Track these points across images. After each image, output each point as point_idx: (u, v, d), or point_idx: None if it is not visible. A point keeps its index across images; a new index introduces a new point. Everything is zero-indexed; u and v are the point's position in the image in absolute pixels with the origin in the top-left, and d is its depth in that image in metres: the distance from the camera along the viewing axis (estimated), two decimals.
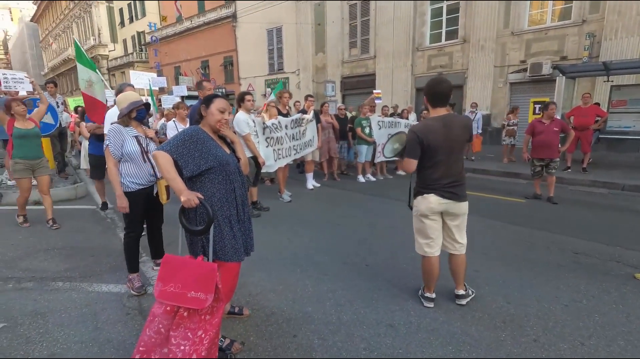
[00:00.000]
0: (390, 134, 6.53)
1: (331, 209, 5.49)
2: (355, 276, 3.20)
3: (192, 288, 1.85)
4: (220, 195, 2.06)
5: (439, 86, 2.42)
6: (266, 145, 5.41)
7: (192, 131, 2.02)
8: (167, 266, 1.93)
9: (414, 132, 2.42)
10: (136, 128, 2.89)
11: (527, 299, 2.78)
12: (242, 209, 2.19)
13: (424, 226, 2.57)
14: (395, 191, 6.71)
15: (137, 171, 2.83)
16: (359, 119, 7.43)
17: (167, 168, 1.91)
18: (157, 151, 1.95)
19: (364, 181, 7.48)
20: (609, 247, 3.79)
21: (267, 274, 3.24)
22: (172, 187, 1.94)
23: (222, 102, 2.11)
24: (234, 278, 2.26)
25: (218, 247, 2.05)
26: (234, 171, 2.12)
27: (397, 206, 5.62)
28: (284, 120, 5.76)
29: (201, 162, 1.97)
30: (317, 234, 4.33)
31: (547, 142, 5.40)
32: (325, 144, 7.13)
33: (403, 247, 3.85)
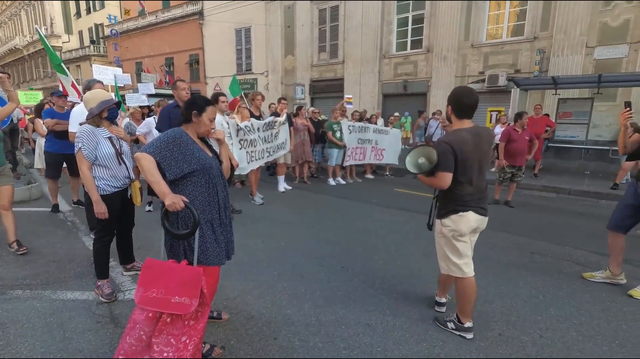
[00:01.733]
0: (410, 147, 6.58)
1: (304, 212, 5.53)
2: (332, 278, 3.27)
3: (176, 293, 1.82)
4: (203, 198, 2.04)
5: (469, 98, 2.25)
6: (239, 147, 5.36)
7: (175, 134, 1.99)
8: (149, 270, 1.88)
9: (448, 144, 2.19)
10: (107, 128, 2.78)
11: (492, 297, 2.99)
12: (224, 213, 2.18)
13: (460, 246, 2.35)
14: (365, 194, 6.89)
15: (113, 173, 2.74)
16: (330, 123, 7.55)
17: (150, 171, 1.88)
18: (139, 153, 1.90)
19: (334, 184, 7.60)
20: (561, 247, 4.15)
21: (244, 277, 3.23)
22: (155, 190, 1.89)
23: (213, 112, 2.13)
24: (215, 282, 2.25)
25: (200, 250, 2.02)
26: (217, 174, 2.11)
27: (368, 209, 5.78)
28: (257, 122, 5.74)
29: (184, 165, 1.95)
30: (291, 237, 4.36)
31: (520, 150, 5.76)
32: (300, 147, 7.17)
33: (376, 250, 3.99)
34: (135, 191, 2.89)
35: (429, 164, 2.27)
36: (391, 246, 4.12)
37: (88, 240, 4.02)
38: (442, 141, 2.25)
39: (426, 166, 2.29)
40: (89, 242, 3.94)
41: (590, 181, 8.00)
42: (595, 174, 8.73)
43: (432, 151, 2.23)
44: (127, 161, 2.86)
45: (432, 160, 2.23)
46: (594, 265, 3.65)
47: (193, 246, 1.98)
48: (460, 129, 2.28)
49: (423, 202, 6.23)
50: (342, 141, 7.46)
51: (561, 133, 9.26)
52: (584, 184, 7.68)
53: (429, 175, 2.30)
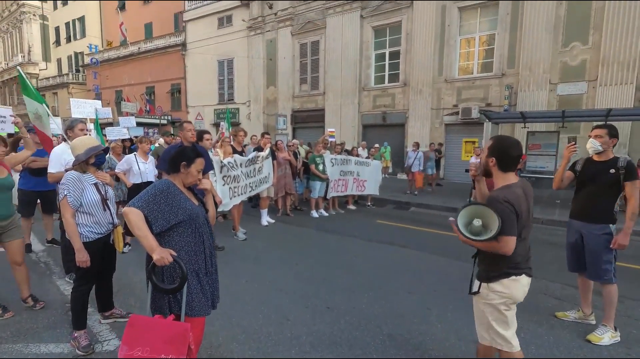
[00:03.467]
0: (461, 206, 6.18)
1: (288, 247, 5.51)
2: (317, 320, 3.25)
3: (162, 351, 1.80)
4: (189, 248, 2.05)
5: (516, 149, 2.00)
6: (223, 184, 5.37)
7: (162, 186, 2.02)
8: (134, 328, 1.85)
9: (509, 202, 1.88)
10: (93, 174, 2.80)
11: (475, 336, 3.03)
12: (210, 261, 2.18)
13: (510, 315, 2.02)
14: (348, 226, 6.95)
15: (97, 220, 2.72)
16: (312, 156, 7.69)
17: (138, 225, 1.88)
18: (127, 208, 1.91)
19: (317, 216, 7.63)
20: (537, 281, 4.27)
21: (228, 321, 3.17)
22: (143, 244, 1.89)
23: (202, 163, 2.16)
24: (201, 332, 2.21)
25: (185, 302, 2.00)
26: (203, 222, 2.14)
27: (351, 243, 5.82)
28: (240, 158, 5.79)
29: (171, 216, 1.97)
30: (275, 275, 4.32)
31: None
32: (282, 180, 7.22)
33: (360, 287, 4.01)
34: (118, 236, 2.86)
35: (486, 228, 1.91)
36: (375, 283, 4.15)
37: (63, 284, 3.86)
38: (499, 199, 1.90)
39: (478, 229, 1.93)
40: (64, 287, 3.78)
41: (561, 210, 8.37)
42: (565, 202, 9.14)
43: (490, 211, 1.88)
44: (111, 206, 2.85)
45: (491, 222, 1.88)
46: (570, 298, 3.79)
47: (178, 299, 1.97)
48: (511, 184, 1.99)
49: (405, 234, 6.36)
50: (325, 173, 7.58)
51: (532, 164, 9.73)
52: (555, 213, 8.02)
53: (486, 240, 1.90)
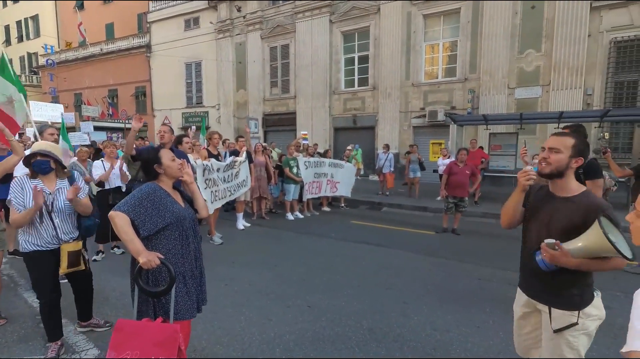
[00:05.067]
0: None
1: (265, 250, 5.53)
2: (300, 319, 3.32)
3: (152, 353, 1.80)
4: (176, 251, 2.07)
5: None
6: (205, 187, 5.34)
7: (149, 189, 2.02)
8: (121, 332, 1.84)
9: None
10: (46, 182, 2.62)
11: (449, 325, 3.23)
12: (196, 263, 2.20)
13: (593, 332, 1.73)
14: (324, 227, 7.06)
15: (34, 231, 2.56)
16: (286, 159, 7.75)
17: (124, 229, 1.88)
18: (113, 212, 1.90)
19: (292, 219, 7.68)
20: (504, 272, 4.58)
21: (210, 324, 3.16)
22: (129, 248, 1.89)
23: (168, 153, 2.17)
24: (187, 335, 2.22)
25: (169, 306, 2.01)
26: (190, 225, 2.16)
27: (328, 244, 5.93)
28: (217, 164, 5.75)
29: (158, 220, 1.98)
30: (254, 277, 4.34)
31: (460, 183, 6.31)
32: (256, 182, 7.21)
33: (339, 286, 4.11)
34: (63, 255, 2.59)
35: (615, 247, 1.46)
36: (353, 281, 4.27)
37: (31, 296, 3.68)
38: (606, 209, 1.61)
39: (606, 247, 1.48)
40: (32, 298, 3.61)
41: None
42: None
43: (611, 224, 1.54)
44: (58, 220, 2.62)
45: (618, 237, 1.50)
46: None
47: (163, 302, 1.98)
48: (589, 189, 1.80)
49: (379, 234, 6.55)
50: (299, 176, 7.66)
51: (494, 163, 10.31)
52: None
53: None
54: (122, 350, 1.81)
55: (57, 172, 2.68)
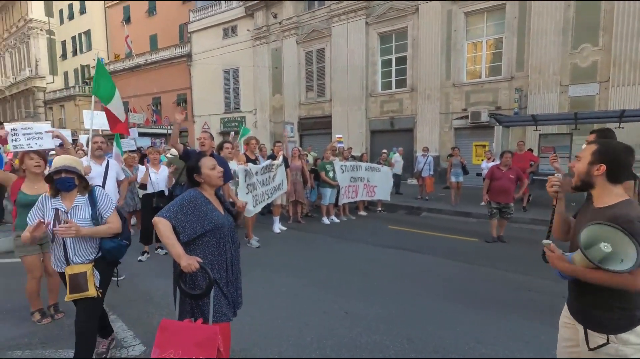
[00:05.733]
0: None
1: (301, 254, 5.53)
2: (336, 325, 3.25)
3: (193, 353, 1.83)
4: (212, 257, 2.10)
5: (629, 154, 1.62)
6: (246, 192, 5.45)
7: (190, 196, 2.07)
8: (165, 331, 1.89)
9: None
10: (66, 199, 2.39)
11: (495, 339, 3.02)
12: (231, 270, 2.21)
13: None
14: (360, 232, 6.95)
15: (52, 250, 2.40)
16: (322, 164, 7.73)
17: (166, 234, 1.93)
18: (156, 218, 1.97)
19: (328, 223, 7.64)
20: (556, 284, 4.23)
21: (247, 327, 3.17)
22: (171, 253, 1.95)
23: (209, 161, 2.19)
24: (227, 338, 2.23)
25: (207, 308, 2.04)
26: (228, 233, 2.18)
27: (364, 249, 5.81)
28: (254, 167, 5.85)
29: (197, 227, 2.02)
30: (291, 282, 4.33)
31: (503, 188, 5.89)
32: (292, 187, 7.25)
33: (376, 292, 4.00)
34: (67, 278, 2.30)
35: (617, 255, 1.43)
36: (390, 288, 4.14)
37: None
38: (635, 219, 1.46)
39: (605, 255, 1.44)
40: None
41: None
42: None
43: (623, 234, 1.42)
44: (70, 240, 2.33)
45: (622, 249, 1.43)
46: None
47: (200, 305, 2.01)
48: (626, 199, 1.58)
49: (417, 240, 6.33)
50: (335, 180, 7.61)
51: (544, 167, 9.63)
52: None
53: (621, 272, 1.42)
54: (165, 349, 1.85)
55: (79, 189, 2.43)
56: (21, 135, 3.34)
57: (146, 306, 3.60)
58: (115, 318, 3.27)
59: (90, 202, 2.42)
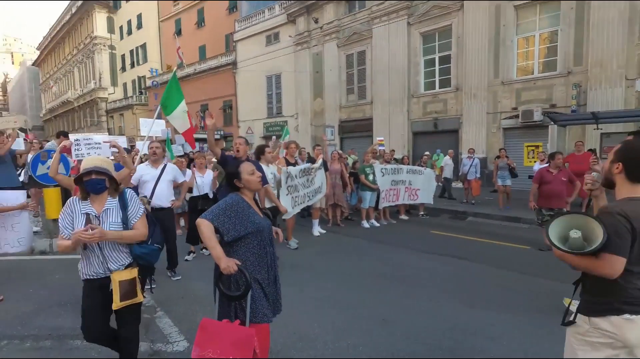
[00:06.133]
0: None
1: (340, 258, 5.50)
2: (374, 331, 3.18)
3: (230, 353, 1.87)
4: (254, 259, 2.15)
5: None
6: (286, 193, 5.57)
7: (232, 200, 2.14)
8: (205, 331, 1.95)
9: (625, 217, 1.52)
10: (96, 202, 2.25)
11: (547, 353, 2.78)
12: (272, 271, 2.26)
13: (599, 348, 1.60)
14: (400, 236, 6.78)
15: (85, 258, 2.25)
16: (362, 167, 7.66)
17: (208, 235, 2.01)
18: (200, 219, 2.05)
19: (368, 227, 7.54)
20: None
21: (285, 329, 3.19)
22: (212, 254, 2.02)
23: (248, 167, 2.25)
24: (265, 338, 2.26)
25: (250, 309, 2.08)
26: (267, 235, 2.23)
27: (405, 254, 5.66)
28: (294, 169, 5.94)
29: (240, 228, 2.07)
30: (329, 285, 4.32)
31: (555, 192, 5.39)
32: (331, 190, 7.26)
33: (416, 300, 3.87)
34: (114, 287, 2.17)
35: (586, 241, 1.57)
36: (431, 296, 3.98)
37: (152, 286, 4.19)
38: (616, 212, 1.55)
39: (579, 242, 1.58)
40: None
41: None
42: None
43: (595, 222, 1.54)
44: (107, 247, 2.23)
45: (593, 236, 1.55)
46: None
47: (243, 306, 2.05)
48: (635, 197, 1.60)
49: (462, 246, 6.05)
50: (375, 183, 7.50)
51: None
52: None
53: (583, 254, 1.56)
54: (205, 348, 1.91)
55: (110, 191, 2.29)
56: (83, 145, 3.65)
57: (192, 304, 3.76)
58: (162, 314, 3.46)
59: (121, 205, 2.30)
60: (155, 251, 2.42)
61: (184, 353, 2.80)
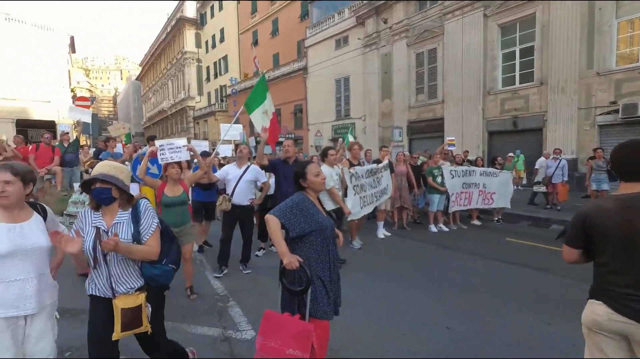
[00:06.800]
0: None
1: (403, 261, 5.42)
2: (436, 340, 3.11)
3: (290, 346, 2.01)
4: (317, 256, 2.25)
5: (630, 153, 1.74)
6: (354, 193, 5.67)
7: (298, 199, 2.29)
8: (268, 321, 2.13)
9: (581, 213, 1.80)
10: (106, 215, 2.03)
11: None
12: (334, 270, 2.35)
13: (590, 345, 1.82)
14: (470, 243, 6.43)
15: (94, 272, 2.03)
16: (430, 168, 7.42)
17: (275, 231, 2.18)
18: (268, 215, 2.22)
19: (436, 231, 7.28)
20: None
21: (345, 328, 3.27)
22: (277, 249, 2.19)
23: (313, 168, 2.38)
24: (325, 335, 2.36)
25: (311, 304, 2.19)
26: (330, 234, 2.34)
27: (474, 261, 5.37)
28: (360, 169, 6.01)
29: (305, 226, 2.21)
30: (391, 289, 4.31)
31: None
32: (397, 192, 7.17)
33: (485, 311, 3.67)
34: (116, 314, 1.94)
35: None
36: (502, 308, 3.73)
37: (212, 279, 4.65)
38: (581, 210, 1.83)
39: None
40: (213, 281, 4.56)
41: None
42: None
43: None
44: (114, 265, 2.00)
45: None
46: None
47: (305, 301, 2.18)
48: (610, 196, 1.80)
49: (542, 256, 5.54)
50: (444, 186, 7.21)
51: None
52: None
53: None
54: (267, 337, 2.09)
55: (121, 203, 2.05)
56: (166, 149, 4.07)
57: (260, 296, 4.05)
58: (234, 303, 3.80)
59: (133, 219, 2.04)
60: (169, 272, 2.14)
61: (251, 342, 3.05)
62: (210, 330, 3.29)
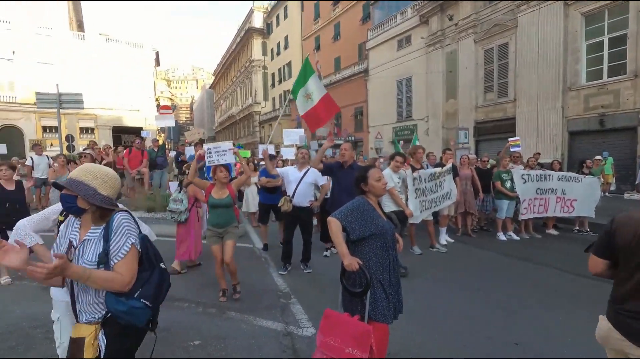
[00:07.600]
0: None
1: (467, 270, 5.20)
2: (501, 354, 2.97)
3: (349, 345, 2.10)
4: (377, 259, 2.31)
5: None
6: (415, 196, 5.63)
7: (359, 203, 2.37)
8: (328, 320, 2.24)
9: (611, 220, 1.71)
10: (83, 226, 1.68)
11: None
12: (394, 274, 2.38)
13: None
14: (545, 254, 5.93)
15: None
16: (498, 172, 6.98)
17: (336, 233, 2.28)
18: (330, 217, 2.33)
19: (504, 240, 6.82)
20: None
21: (405, 336, 3.24)
22: (338, 250, 2.28)
23: (375, 172, 2.44)
24: (384, 337, 2.40)
25: (371, 307, 2.25)
26: (390, 239, 2.38)
27: (548, 274, 4.96)
28: (423, 173, 5.90)
29: (365, 229, 2.28)
30: (454, 298, 4.18)
31: None
32: (461, 196, 6.87)
33: (559, 328, 3.40)
34: (88, 342, 1.57)
35: None
36: (580, 326, 3.40)
37: (276, 276, 4.93)
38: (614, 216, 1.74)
39: None
40: (277, 278, 4.83)
41: None
42: None
43: None
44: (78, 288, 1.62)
45: None
46: None
47: (359, 302, 2.25)
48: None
49: None
50: (513, 191, 6.74)
51: None
52: None
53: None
54: (327, 335, 2.20)
55: (93, 217, 1.65)
56: (213, 152, 4.31)
57: (321, 295, 4.20)
58: (296, 301, 4.00)
59: (104, 237, 1.62)
60: (139, 309, 1.60)
61: (311, 338, 3.19)
62: (274, 324, 3.51)
